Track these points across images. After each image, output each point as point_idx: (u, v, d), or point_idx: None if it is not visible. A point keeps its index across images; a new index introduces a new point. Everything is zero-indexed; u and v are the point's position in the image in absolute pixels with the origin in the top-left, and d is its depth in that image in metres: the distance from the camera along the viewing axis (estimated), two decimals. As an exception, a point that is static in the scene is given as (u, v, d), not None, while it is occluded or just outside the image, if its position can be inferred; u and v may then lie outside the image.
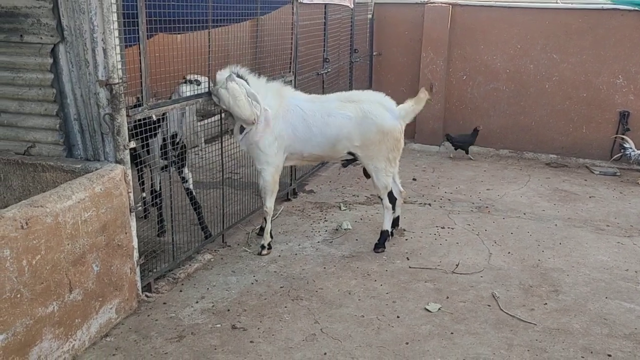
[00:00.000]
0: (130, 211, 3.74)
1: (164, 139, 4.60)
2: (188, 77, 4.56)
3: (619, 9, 7.46)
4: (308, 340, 3.63)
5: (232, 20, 5.34)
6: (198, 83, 4.56)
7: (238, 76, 4.52)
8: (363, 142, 4.74)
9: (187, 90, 4.49)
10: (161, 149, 4.64)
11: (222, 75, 4.52)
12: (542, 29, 7.81)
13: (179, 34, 4.86)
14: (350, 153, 4.86)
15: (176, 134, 4.65)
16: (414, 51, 8.52)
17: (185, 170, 4.88)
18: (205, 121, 5.17)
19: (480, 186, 6.84)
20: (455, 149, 8.10)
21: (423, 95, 4.91)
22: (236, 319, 3.83)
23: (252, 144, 4.71)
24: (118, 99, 3.56)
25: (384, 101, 4.86)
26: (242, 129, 4.68)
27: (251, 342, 3.59)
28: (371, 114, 4.70)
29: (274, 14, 5.98)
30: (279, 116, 4.71)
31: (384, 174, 4.87)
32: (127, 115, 3.66)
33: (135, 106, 3.83)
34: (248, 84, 4.57)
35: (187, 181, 4.89)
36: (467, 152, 8.07)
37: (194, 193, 4.95)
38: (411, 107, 4.87)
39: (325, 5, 6.53)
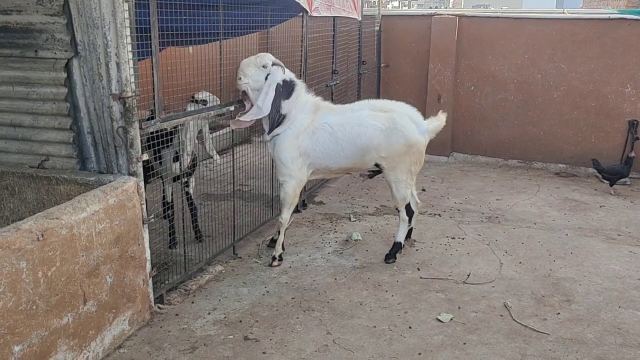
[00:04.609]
0: (143, 223, 3.77)
1: (176, 151, 4.67)
2: (196, 97, 4.62)
3: (625, 19, 7.47)
4: (320, 351, 3.63)
5: (241, 33, 5.40)
6: (205, 103, 4.61)
7: (287, 83, 4.69)
8: (389, 154, 4.75)
9: (193, 109, 4.56)
10: (174, 161, 4.70)
11: (264, 57, 4.64)
12: (549, 39, 7.83)
13: (189, 46, 4.94)
14: (376, 164, 4.87)
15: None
16: (422, 62, 8.56)
17: (192, 178, 4.99)
18: (215, 134, 5.23)
19: (489, 196, 6.84)
20: (603, 179, 7.23)
21: (442, 115, 4.94)
22: (248, 330, 3.84)
23: (275, 155, 4.76)
24: (131, 112, 3.60)
25: (413, 115, 4.87)
26: (270, 129, 4.73)
27: (264, 353, 3.59)
28: (401, 126, 4.70)
29: (283, 27, 6.04)
30: (308, 132, 4.72)
31: (403, 186, 4.87)
32: (140, 128, 3.71)
33: (148, 119, 3.88)
34: (294, 86, 4.71)
35: (188, 186, 5.00)
36: (611, 185, 7.07)
37: (193, 198, 5.07)
38: (436, 124, 4.89)
39: (334, 18, 6.59)
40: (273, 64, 4.63)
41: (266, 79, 4.61)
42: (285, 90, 4.66)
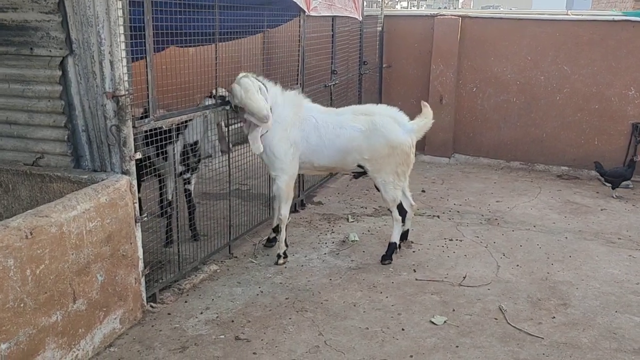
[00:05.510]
0: (136, 222, 3.76)
1: (184, 146, 4.72)
2: (214, 92, 4.64)
3: (630, 21, 7.41)
4: (311, 352, 3.61)
5: (240, 33, 5.40)
6: (222, 99, 4.65)
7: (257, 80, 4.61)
8: (372, 156, 4.74)
9: (210, 104, 4.63)
10: (181, 156, 4.74)
11: (240, 75, 4.61)
12: (552, 40, 7.77)
13: (191, 46, 4.94)
14: (360, 166, 4.86)
15: (197, 142, 4.77)
16: (424, 63, 8.51)
17: (194, 175, 5.06)
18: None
19: (490, 198, 6.79)
20: (605, 182, 7.11)
21: (427, 109, 4.92)
22: (240, 330, 3.83)
23: (267, 150, 4.73)
24: (124, 110, 3.60)
25: (396, 115, 4.86)
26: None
27: (254, 353, 3.58)
28: (381, 127, 4.70)
29: (282, 26, 6.03)
30: (295, 124, 4.75)
31: (392, 187, 4.85)
32: (134, 127, 3.70)
33: (142, 117, 3.88)
34: (266, 89, 4.62)
35: (190, 183, 5.03)
36: (613, 188, 6.97)
37: (192, 195, 5.10)
38: (422, 123, 4.89)
39: (333, 17, 6.57)
40: (252, 76, 4.59)
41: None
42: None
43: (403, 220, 5.05)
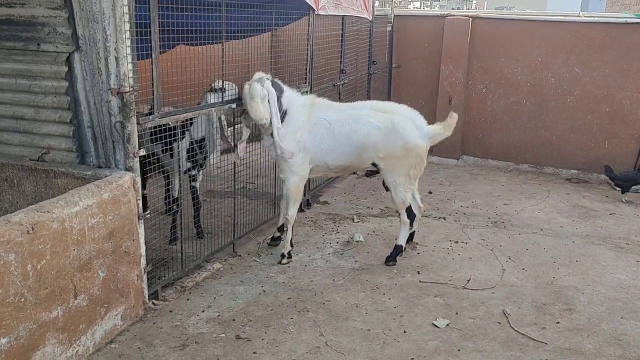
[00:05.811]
0: (139, 219, 3.76)
1: (191, 143, 4.73)
2: (214, 85, 4.64)
3: (643, 23, 7.32)
4: (312, 353, 3.59)
5: (248, 32, 5.40)
6: (224, 91, 4.64)
7: (274, 84, 4.57)
8: (387, 154, 4.70)
9: (212, 98, 4.62)
10: (188, 153, 4.74)
11: (258, 75, 4.58)
12: (564, 42, 7.70)
13: (199, 44, 4.95)
14: (373, 164, 4.83)
15: (204, 139, 4.77)
16: (434, 64, 8.46)
17: (200, 172, 5.05)
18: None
19: (497, 201, 6.74)
20: (615, 187, 7.10)
21: (452, 121, 4.81)
22: (241, 330, 3.82)
23: (278, 152, 4.72)
24: (129, 107, 3.60)
25: (416, 118, 4.82)
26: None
27: (254, 353, 3.57)
28: (400, 128, 4.66)
29: (291, 25, 6.01)
30: (306, 128, 4.72)
31: (402, 190, 4.81)
32: (138, 124, 3.71)
33: (148, 114, 3.88)
34: (283, 94, 4.60)
35: (196, 180, 5.02)
36: (623, 192, 6.93)
37: (198, 192, 5.08)
38: (440, 131, 4.80)
39: (343, 17, 6.54)
40: (267, 80, 4.55)
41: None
42: (277, 91, 4.62)
43: (411, 224, 5.01)
